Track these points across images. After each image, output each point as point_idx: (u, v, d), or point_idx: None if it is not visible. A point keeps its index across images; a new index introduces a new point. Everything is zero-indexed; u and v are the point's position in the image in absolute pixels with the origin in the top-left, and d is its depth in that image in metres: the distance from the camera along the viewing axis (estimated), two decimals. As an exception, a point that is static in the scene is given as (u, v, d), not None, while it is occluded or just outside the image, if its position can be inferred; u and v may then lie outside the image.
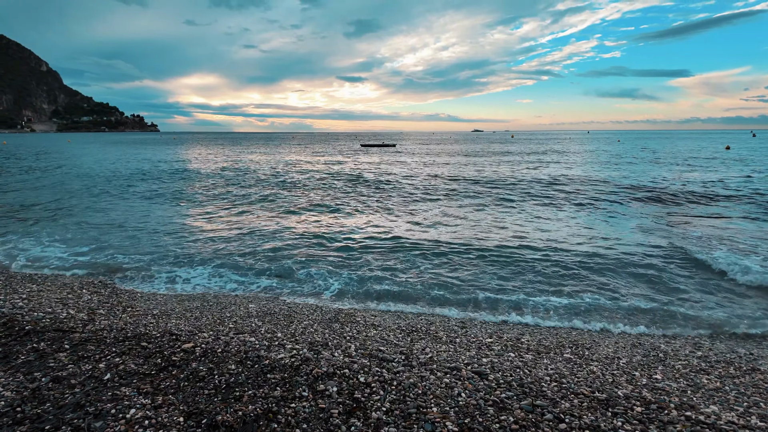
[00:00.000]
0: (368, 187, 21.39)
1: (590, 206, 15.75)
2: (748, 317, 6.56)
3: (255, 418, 2.87)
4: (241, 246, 10.35)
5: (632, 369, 4.55)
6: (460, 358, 4.42)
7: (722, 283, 7.88)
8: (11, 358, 3.71)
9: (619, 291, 7.55)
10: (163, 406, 2.98)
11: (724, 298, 7.25)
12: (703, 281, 7.98)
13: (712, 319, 6.49)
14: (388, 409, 3.04)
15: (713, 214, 14.14)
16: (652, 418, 3.10)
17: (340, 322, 5.94)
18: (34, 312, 5.26)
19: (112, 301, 6.49)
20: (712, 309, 6.83)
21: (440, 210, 15.28)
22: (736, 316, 6.62)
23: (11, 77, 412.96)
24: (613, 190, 19.18)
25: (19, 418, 2.80)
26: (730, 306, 6.98)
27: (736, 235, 11.18)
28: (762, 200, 16.48)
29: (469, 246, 10.24)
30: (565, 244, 10.48)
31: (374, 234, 11.68)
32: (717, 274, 8.26)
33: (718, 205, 15.85)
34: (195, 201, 17.39)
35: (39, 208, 15.31)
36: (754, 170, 26.70)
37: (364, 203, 16.81)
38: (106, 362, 3.68)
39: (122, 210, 15.25)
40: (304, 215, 14.57)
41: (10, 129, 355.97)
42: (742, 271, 8.07)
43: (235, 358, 3.85)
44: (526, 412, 3.07)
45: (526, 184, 21.79)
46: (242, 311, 6.30)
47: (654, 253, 9.59)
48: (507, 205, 16.40)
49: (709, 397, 3.78)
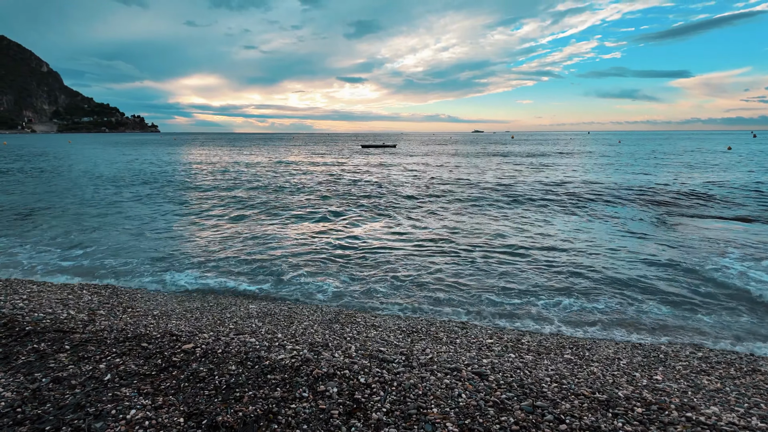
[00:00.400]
0: (369, 189, 21.40)
1: (598, 211, 15.70)
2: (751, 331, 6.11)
3: (255, 418, 2.87)
4: (241, 247, 10.36)
5: (633, 370, 4.55)
6: (460, 359, 4.42)
7: (737, 294, 7.43)
8: (12, 358, 3.71)
9: (632, 301, 7.16)
10: (164, 406, 2.98)
11: (739, 311, 6.80)
12: (716, 293, 7.45)
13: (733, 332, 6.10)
14: (389, 409, 3.04)
15: (723, 217, 14.01)
16: (653, 419, 3.10)
17: (341, 322, 5.94)
18: (35, 312, 5.26)
19: (112, 302, 6.49)
20: (731, 324, 6.38)
21: (442, 212, 15.29)
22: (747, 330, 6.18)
23: (12, 78, 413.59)
24: (624, 194, 19.02)
25: (19, 418, 2.80)
26: (745, 317, 6.54)
27: (749, 239, 11.00)
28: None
29: (472, 247, 10.25)
30: (571, 248, 10.48)
31: (375, 236, 11.69)
32: (731, 287, 7.69)
33: (730, 208, 15.71)
34: (195, 204, 17.41)
35: (39, 210, 15.33)
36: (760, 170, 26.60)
37: (365, 206, 16.80)
38: (106, 363, 3.68)
39: (119, 212, 15.26)
40: (303, 217, 14.58)
41: (10, 130, 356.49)
42: (756, 282, 7.70)
43: (235, 359, 3.85)
44: (526, 412, 3.06)
45: (530, 186, 21.78)
46: (242, 312, 6.30)
47: (664, 261, 9.20)
48: (510, 208, 16.40)
49: (710, 398, 3.78)
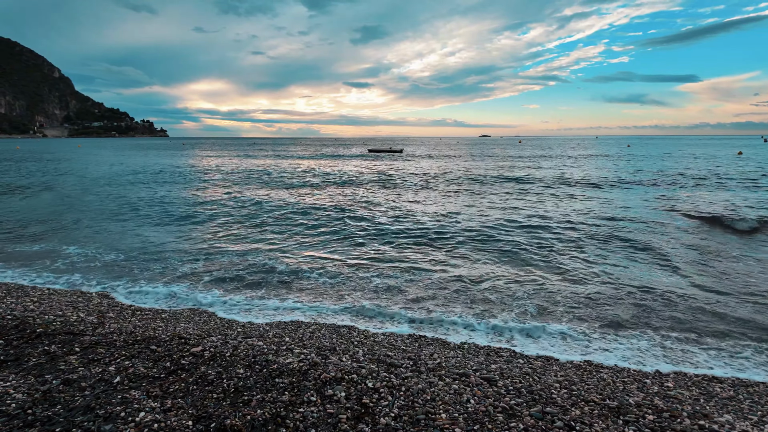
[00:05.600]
0: (380, 194, 21.40)
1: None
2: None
3: (263, 422, 2.87)
4: (249, 256, 10.39)
5: (643, 376, 4.49)
6: (468, 364, 4.39)
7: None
8: (23, 360, 3.75)
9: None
10: (172, 409, 2.99)
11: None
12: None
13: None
14: (397, 414, 3.02)
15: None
16: (665, 426, 3.05)
17: (348, 327, 5.94)
18: (45, 315, 5.32)
19: (121, 305, 6.54)
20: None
21: (452, 215, 15.25)
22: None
23: (24, 84, 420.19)
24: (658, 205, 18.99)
25: (30, 420, 2.82)
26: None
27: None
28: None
29: (478, 251, 10.21)
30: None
31: (384, 238, 11.68)
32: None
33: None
34: (204, 214, 17.51)
35: (46, 221, 15.50)
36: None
37: (375, 212, 16.81)
38: (115, 365, 3.70)
39: (128, 221, 15.39)
40: (309, 220, 14.61)
41: (22, 134, 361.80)
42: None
43: (243, 362, 3.86)
44: (536, 419, 3.03)
45: (542, 181, 21.69)
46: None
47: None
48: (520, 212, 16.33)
49: (723, 406, 3.72)
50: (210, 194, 20.57)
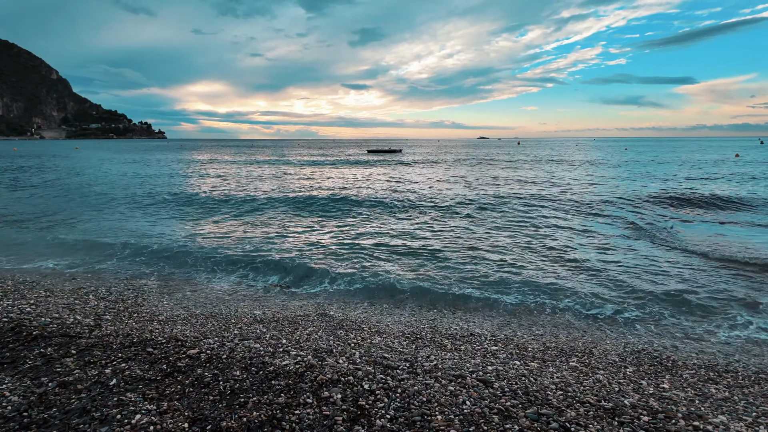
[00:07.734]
0: (379, 199, 21.37)
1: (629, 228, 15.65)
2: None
3: (259, 424, 2.87)
4: (248, 251, 10.40)
5: (639, 378, 4.50)
6: (464, 366, 4.40)
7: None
8: (19, 362, 3.74)
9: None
10: (168, 411, 2.99)
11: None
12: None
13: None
14: (393, 416, 3.03)
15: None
16: (660, 427, 3.07)
17: (345, 328, 5.94)
18: (42, 317, 5.31)
19: (118, 307, 6.52)
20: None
21: (453, 223, 15.28)
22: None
23: (22, 85, 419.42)
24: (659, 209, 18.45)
25: (26, 422, 2.82)
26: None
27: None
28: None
29: (480, 257, 10.23)
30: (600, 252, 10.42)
31: (383, 247, 11.69)
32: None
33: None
34: (202, 211, 17.51)
35: (44, 219, 15.48)
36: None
37: (374, 217, 16.80)
38: (112, 367, 3.70)
39: (121, 217, 15.38)
40: (310, 224, 14.62)
41: (20, 136, 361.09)
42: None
43: (239, 365, 3.86)
44: (531, 420, 3.05)
45: (542, 197, 21.52)
46: (247, 317, 6.32)
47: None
48: (521, 220, 16.35)
49: (718, 407, 3.73)
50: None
